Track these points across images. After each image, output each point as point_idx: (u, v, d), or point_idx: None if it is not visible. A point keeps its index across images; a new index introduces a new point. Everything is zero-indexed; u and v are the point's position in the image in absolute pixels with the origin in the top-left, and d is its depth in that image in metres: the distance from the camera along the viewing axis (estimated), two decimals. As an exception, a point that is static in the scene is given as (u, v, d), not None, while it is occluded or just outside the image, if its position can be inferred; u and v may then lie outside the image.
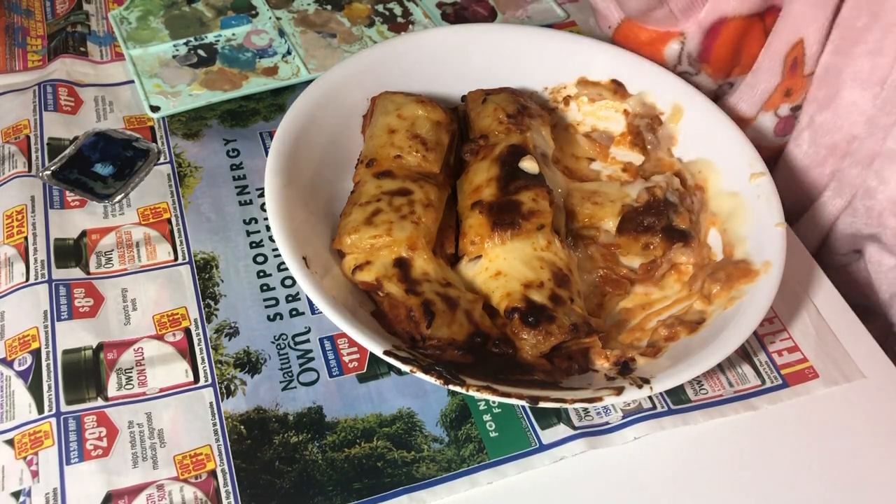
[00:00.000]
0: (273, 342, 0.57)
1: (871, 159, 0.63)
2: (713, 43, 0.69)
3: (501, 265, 0.56)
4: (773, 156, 0.71)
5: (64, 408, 0.52)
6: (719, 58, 0.70)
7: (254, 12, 0.80)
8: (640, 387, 0.50)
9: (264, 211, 0.58)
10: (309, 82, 0.66)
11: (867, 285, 0.68)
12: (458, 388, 0.49)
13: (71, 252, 0.60)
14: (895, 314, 0.61)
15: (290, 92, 0.73)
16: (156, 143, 0.68)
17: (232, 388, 0.54)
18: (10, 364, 0.54)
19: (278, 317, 0.58)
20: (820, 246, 0.70)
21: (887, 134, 0.60)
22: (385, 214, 0.57)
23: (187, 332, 0.57)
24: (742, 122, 0.69)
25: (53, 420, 0.52)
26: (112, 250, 0.61)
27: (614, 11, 0.73)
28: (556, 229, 0.59)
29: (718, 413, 0.55)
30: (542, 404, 0.49)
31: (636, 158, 0.69)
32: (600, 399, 0.49)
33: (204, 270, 0.60)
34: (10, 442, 0.51)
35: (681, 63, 0.72)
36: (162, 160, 0.67)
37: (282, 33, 0.78)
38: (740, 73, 0.72)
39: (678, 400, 0.55)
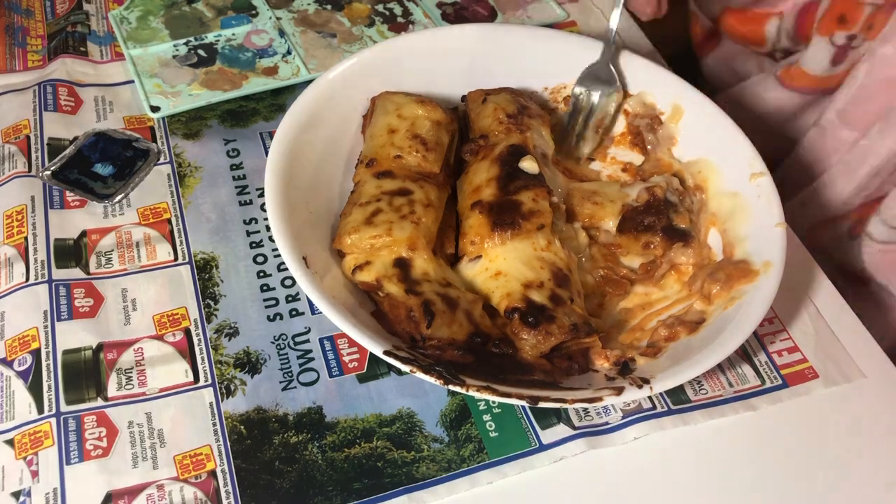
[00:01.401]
0: (273, 342, 0.57)
1: None
2: (806, 20, 0.71)
3: (501, 265, 0.56)
4: (827, 87, 0.72)
5: (64, 408, 0.52)
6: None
7: (254, 12, 0.80)
8: (640, 387, 0.50)
9: (264, 211, 0.58)
10: (309, 82, 0.66)
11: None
12: (458, 388, 0.49)
13: (71, 252, 0.60)
14: None
15: (290, 92, 0.73)
16: (156, 143, 0.68)
17: (232, 388, 0.54)
18: (10, 364, 0.54)
19: (278, 317, 0.58)
20: (856, 198, 0.70)
21: None
22: (385, 214, 0.57)
23: (187, 332, 0.57)
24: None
25: (53, 420, 0.51)
26: (112, 250, 0.61)
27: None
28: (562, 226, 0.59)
29: (718, 413, 0.55)
30: (542, 404, 0.49)
31: (636, 158, 0.69)
32: (600, 399, 0.49)
33: (204, 270, 0.60)
34: (10, 442, 0.51)
35: (780, 41, 0.74)
36: (162, 160, 0.67)
37: (282, 33, 0.78)
38: None
39: (678, 400, 0.55)
